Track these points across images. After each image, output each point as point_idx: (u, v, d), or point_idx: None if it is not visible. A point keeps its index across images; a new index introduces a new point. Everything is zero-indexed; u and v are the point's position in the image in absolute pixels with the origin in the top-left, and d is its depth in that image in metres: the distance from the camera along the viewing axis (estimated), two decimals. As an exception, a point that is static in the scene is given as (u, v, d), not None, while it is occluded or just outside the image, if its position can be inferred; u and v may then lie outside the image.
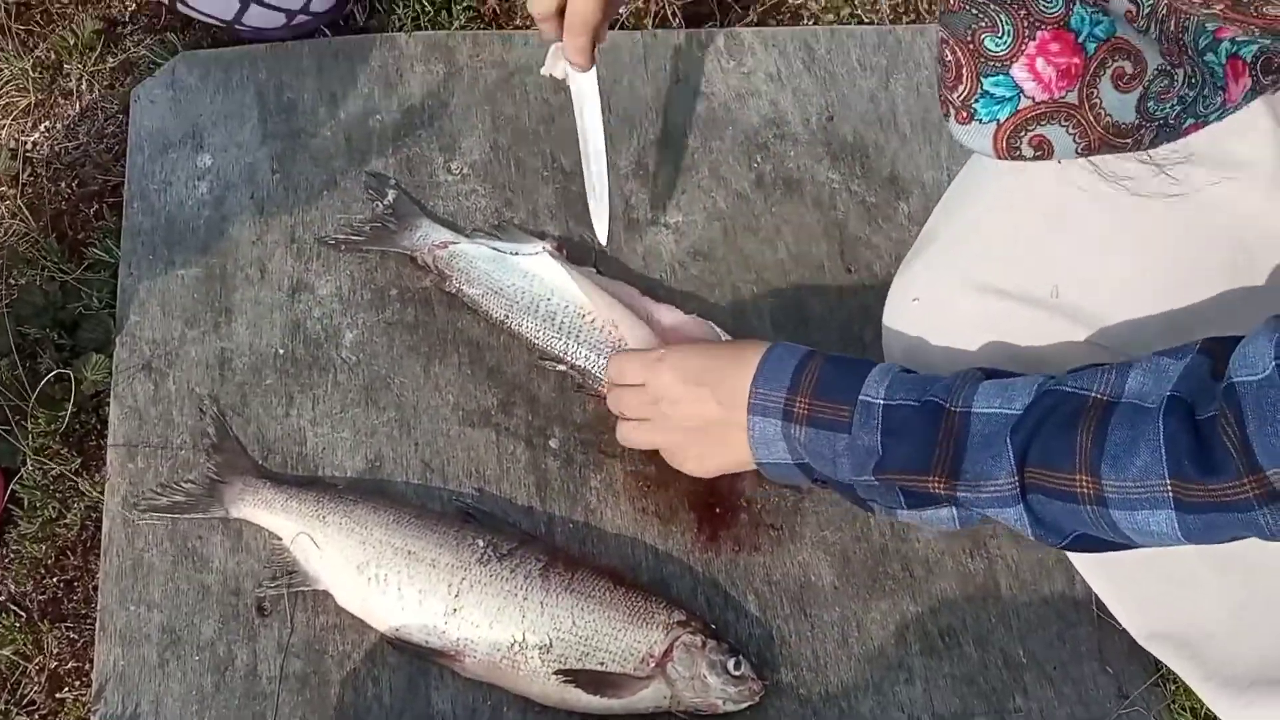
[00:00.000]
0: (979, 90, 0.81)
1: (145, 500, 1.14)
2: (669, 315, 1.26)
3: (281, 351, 1.23)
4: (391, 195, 1.31)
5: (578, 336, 1.22)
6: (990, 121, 0.82)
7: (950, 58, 0.81)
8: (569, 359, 1.23)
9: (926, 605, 1.19)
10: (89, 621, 1.14)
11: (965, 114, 0.82)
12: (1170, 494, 0.81)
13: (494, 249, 1.27)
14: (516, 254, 1.26)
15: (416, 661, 1.09)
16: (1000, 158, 0.84)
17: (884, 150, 1.45)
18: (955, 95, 0.82)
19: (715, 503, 1.21)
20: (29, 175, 1.36)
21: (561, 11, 1.15)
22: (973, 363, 1.10)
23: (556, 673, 1.06)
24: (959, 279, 1.12)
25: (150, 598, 1.10)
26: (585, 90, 1.24)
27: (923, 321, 1.15)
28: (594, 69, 1.20)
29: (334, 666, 1.09)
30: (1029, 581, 1.21)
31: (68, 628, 1.15)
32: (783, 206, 1.40)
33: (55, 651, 1.14)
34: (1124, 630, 1.18)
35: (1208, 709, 1.13)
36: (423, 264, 1.27)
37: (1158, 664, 1.17)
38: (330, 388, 1.22)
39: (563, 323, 1.23)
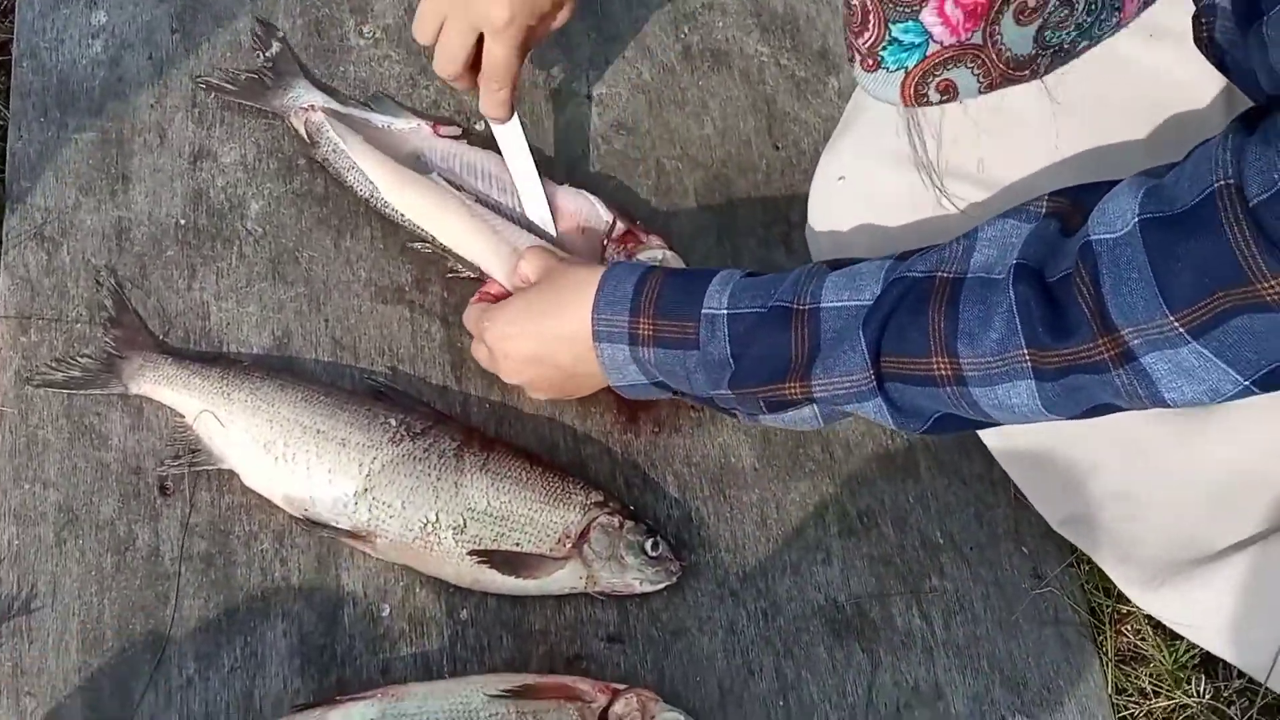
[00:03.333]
0: (886, 37, 0.78)
1: (40, 375, 1.08)
2: (552, 189, 1.21)
3: (183, 222, 1.17)
4: (275, 48, 1.24)
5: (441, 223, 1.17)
6: (898, 69, 0.80)
7: (856, 2, 0.78)
8: (438, 240, 1.17)
9: (846, 487, 1.18)
10: (-19, 500, 1.10)
11: (872, 61, 0.79)
12: (1029, 363, 0.79)
13: (366, 119, 1.21)
14: (390, 128, 1.21)
15: (326, 542, 1.07)
16: (906, 105, 0.82)
17: (815, 23, 1.41)
18: (860, 41, 0.79)
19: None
20: (-93, 29, 1.27)
21: (472, 68, 1.11)
22: (898, 240, 1.08)
23: (470, 553, 1.04)
24: (885, 155, 1.10)
25: (46, 475, 1.06)
26: (511, 139, 1.18)
27: (849, 200, 1.13)
28: (515, 116, 1.16)
29: (240, 547, 1.06)
30: (948, 463, 1.21)
31: (-42, 507, 1.11)
32: (710, 79, 1.36)
33: (-55, 531, 1.10)
34: (1039, 513, 1.18)
35: (1119, 590, 1.15)
36: (290, 126, 1.21)
37: (1073, 546, 1.18)
38: (235, 260, 1.17)
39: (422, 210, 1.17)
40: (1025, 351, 0.79)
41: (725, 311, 0.94)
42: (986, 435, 1.17)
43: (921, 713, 1.10)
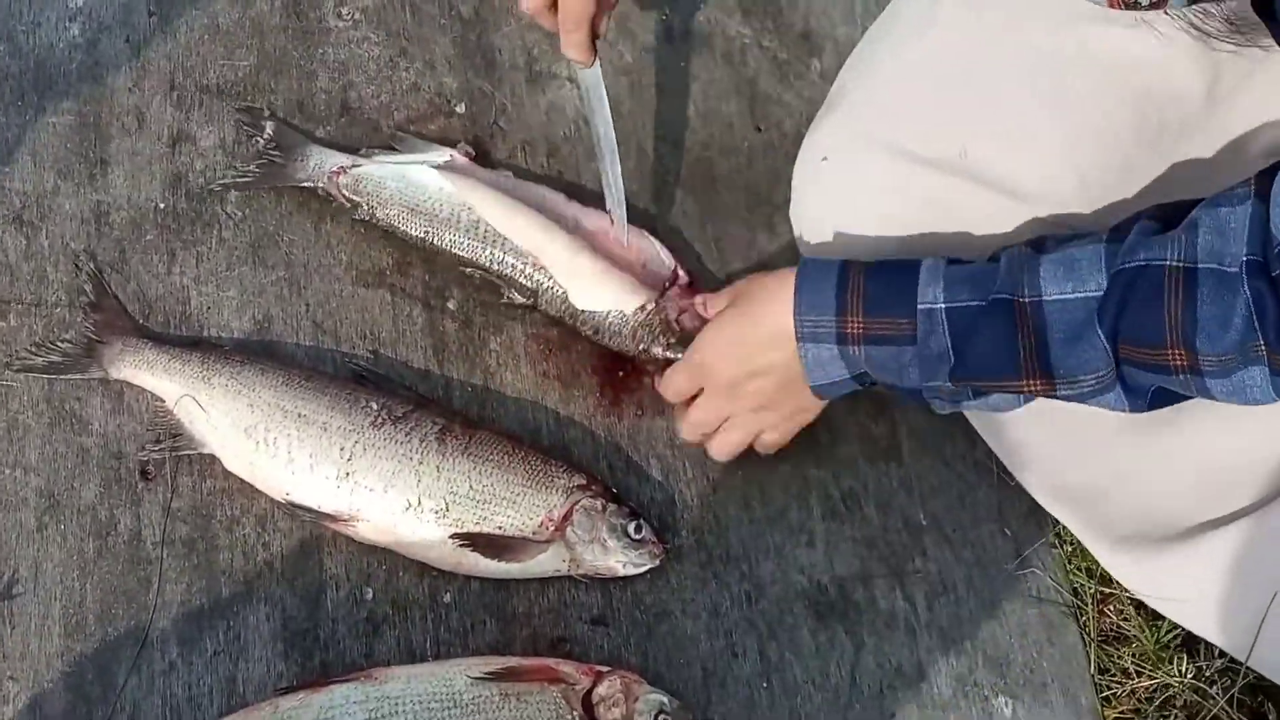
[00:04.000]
0: None
1: (19, 359, 1.08)
2: (592, 220, 1.20)
3: (162, 206, 1.17)
4: (270, 128, 1.20)
5: (503, 245, 1.16)
6: None
7: None
8: (496, 267, 1.16)
9: (829, 469, 1.18)
10: (-39, 486, 1.09)
11: None
12: (1264, 355, 0.81)
13: (399, 165, 1.18)
14: (422, 164, 1.18)
15: (309, 526, 1.06)
16: (1113, 7, 0.80)
17: (797, 4, 1.40)
18: None
19: (618, 366, 1.18)
20: (-117, 12, 1.26)
21: (554, 5, 1.08)
22: (881, 221, 1.08)
23: (453, 536, 1.03)
24: (869, 137, 1.10)
25: (26, 461, 1.05)
26: (591, 86, 1.15)
27: (833, 181, 1.13)
28: (597, 64, 1.13)
29: (222, 531, 1.05)
30: (931, 445, 1.21)
31: (-62, 493, 1.10)
32: (692, 62, 1.36)
33: (-75, 517, 1.09)
34: (1023, 493, 1.19)
35: (1102, 570, 1.15)
36: (324, 194, 1.18)
37: (1055, 526, 1.18)
38: (215, 244, 1.16)
39: (487, 231, 1.16)
40: (1262, 345, 0.81)
41: (943, 305, 0.94)
42: (971, 414, 1.17)
43: (905, 694, 1.10)
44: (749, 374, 1.05)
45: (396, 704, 0.96)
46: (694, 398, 1.10)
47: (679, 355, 1.12)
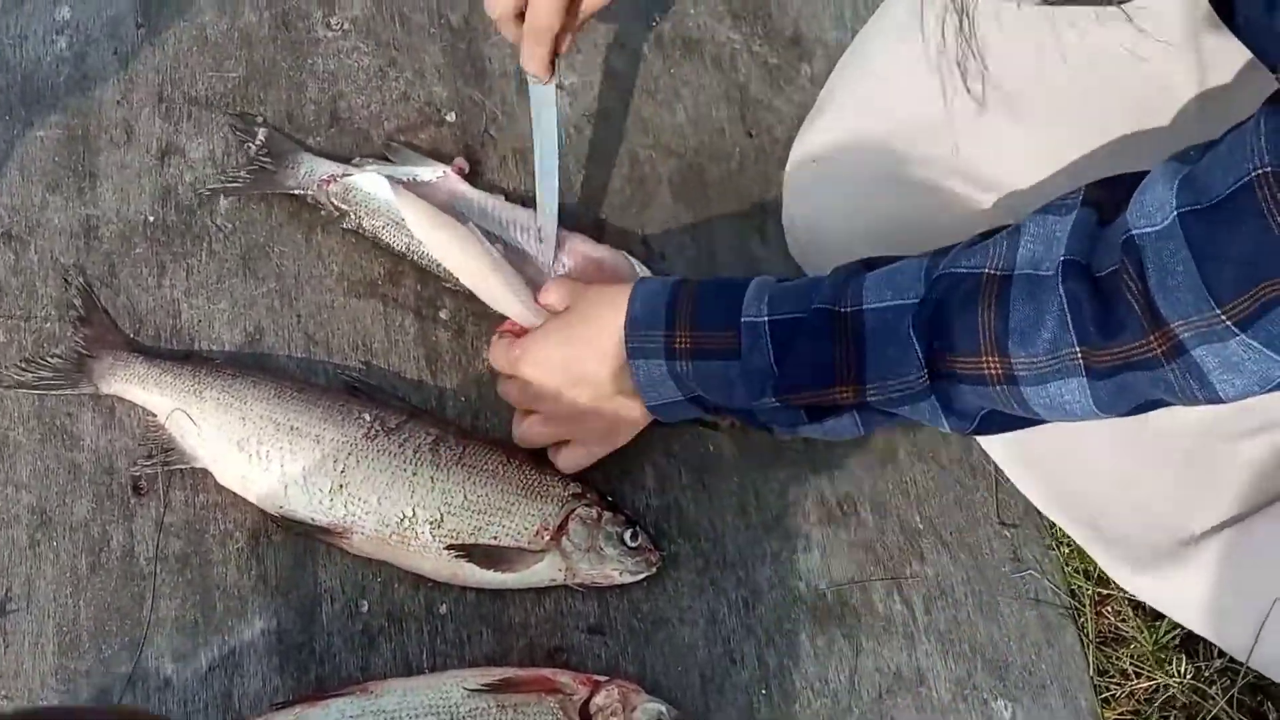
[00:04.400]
0: None
1: (9, 375, 1.07)
2: (581, 243, 1.19)
3: (152, 219, 1.16)
4: (262, 134, 1.20)
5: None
6: None
7: None
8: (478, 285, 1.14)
9: (825, 474, 1.18)
10: (-48, 504, 1.08)
11: None
12: (1080, 361, 0.79)
13: (389, 176, 1.17)
14: (415, 179, 1.18)
15: (302, 540, 1.06)
16: None
17: (786, 9, 1.40)
18: None
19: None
20: None
21: (521, 14, 1.06)
22: (873, 224, 1.08)
23: (448, 548, 1.03)
24: (859, 140, 1.10)
25: (18, 478, 1.04)
26: (542, 102, 1.13)
27: (823, 184, 1.13)
28: (553, 81, 1.10)
29: (215, 546, 1.05)
30: (926, 449, 1.21)
31: (-71, 511, 1.09)
32: (682, 68, 1.35)
33: (-84, 535, 1.08)
34: (1020, 495, 1.18)
35: (1099, 571, 1.15)
36: (314, 202, 1.18)
37: (1053, 528, 1.18)
38: (205, 257, 1.16)
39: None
40: (1077, 350, 0.79)
41: (766, 318, 0.93)
42: None
43: (904, 698, 1.10)
44: (577, 383, 1.03)
45: (393, 717, 0.95)
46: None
47: None
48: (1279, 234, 0.68)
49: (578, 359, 1.02)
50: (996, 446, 1.16)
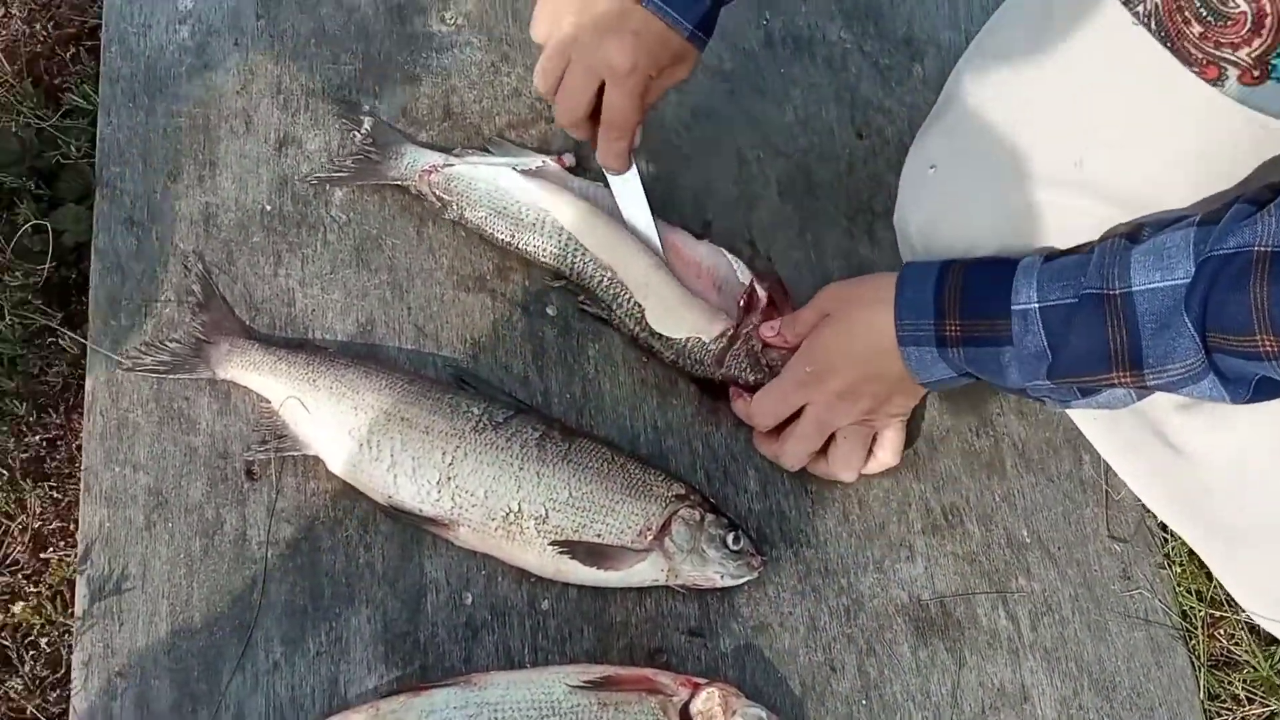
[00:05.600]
0: None
1: (130, 358, 1.10)
2: (678, 237, 1.19)
3: (269, 208, 1.18)
4: (368, 124, 1.22)
5: (584, 254, 1.15)
6: None
7: (1245, 8, 0.70)
8: (577, 281, 1.16)
9: (930, 483, 1.16)
10: (73, 481, 1.11)
11: (1258, 72, 0.73)
12: None
13: (491, 166, 1.19)
14: (515, 168, 1.18)
15: (410, 530, 1.07)
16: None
17: (899, 8, 1.38)
18: (1244, 52, 0.73)
19: (719, 377, 1.17)
20: (1, 15, 1.29)
21: (592, 117, 1.08)
22: (990, 234, 1.06)
23: (552, 544, 1.04)
24: (979, 146, 1.08)
25: (136, 459, 1.07)
26: (628, 190, 1.16)
27: (940, 190, 1.11)
28: (633, 167, 1.13)
29: (325, 533, 1.06)
30: (1035, 460, 1.19)
31: (51, 487, 1.12)
32: (791, 67, 1.34)
33: (39, 511, 1.11)
34: (1131, 511, 1.16)
35: (1213, 592, 1.13)
36: (416, 192, 1.19)
37: (1165, 546, 1.16)
38: (320, 247, 1.17)
39: (568, 240, 1.16)
40: None
41: (1037, 305, 0.94)
42: (1080, 415, 1.15)
43: (1007, 714, 1.08)
44: (864, 378, 1.05)
45: (496, 710, 0.96)
46: (785, 424, 1.10)
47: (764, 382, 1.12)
48: None
49: (861, 361, 1.04)
50: (1105, 441, 1.15)
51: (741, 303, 1.15)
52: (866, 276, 1.08)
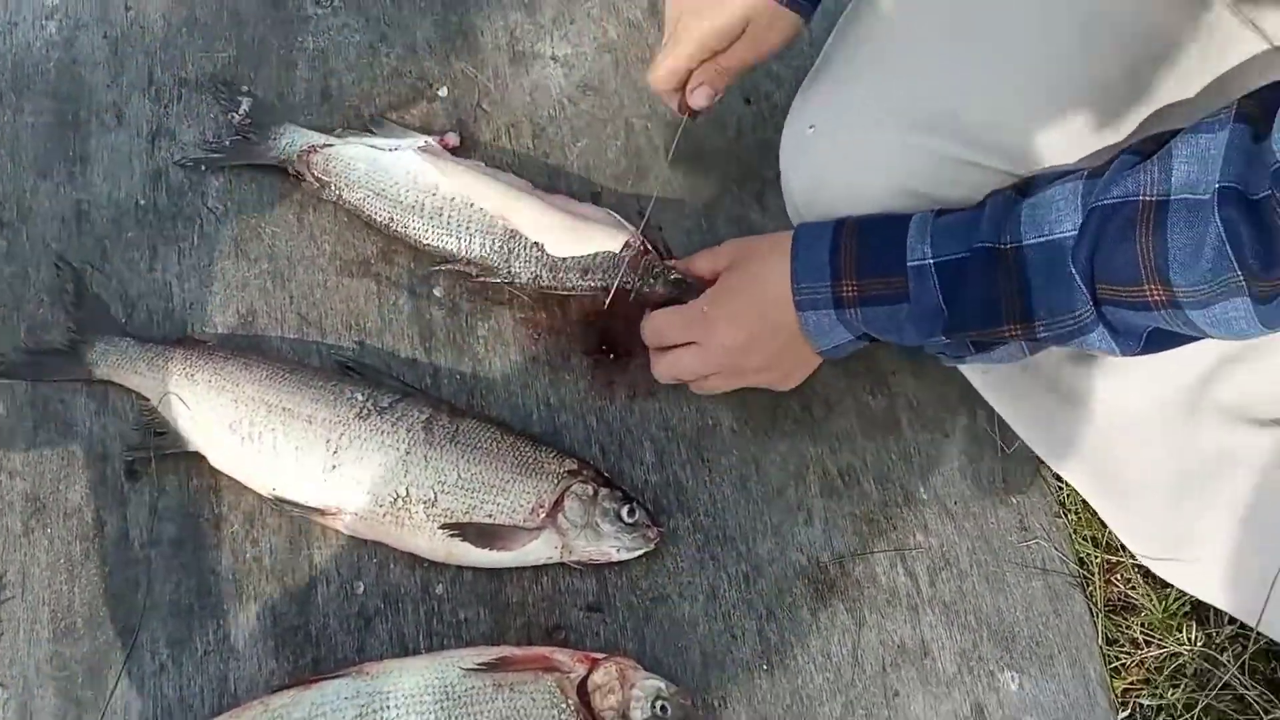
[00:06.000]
0: None
1: (2, 363, 1.07)
2: (562, 202, 1.18)
3: (142, 202, 1.15)
4: (246, 104, 1.20)
5: (468, 228, 1.13)
6: None
7: None
8: (464, 254, 1.14)
9: (826, 445, 1.16)
10: (-53, 492, 1.08)
11: None
12: (1243, 284, 0.78)
13: (371, 147, 1.16)
14: (395, 150, 1.16)
15: (297, 522, 1.05)
16: None
17: (783, -27, 1.37)
18: None
19: (609, 348, 1.16)
20: None
21: (679, 88, 1.10)
22: (871, 188, 1.05)
23: (442, 527, 1.02)
24: (856, 103, 1.07)
25: (12, 465, 1.04)
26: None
27: (821, 150, 1.10)
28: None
29: (210, 530, 1.04)
30: (930, 418, 1.18)
31: (-76, 499, 1.09)
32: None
33: (-89, 525, 1.09)
34: (1025, 464, 1.16)
35: (1108, 538, 1.13)
36: (295, 173, 1.17)
37: (1059, 493, 1.16)
38: (197, 239, 1.15)
39: (451, 217, 1.14)
40: (1240, 275, 0.78)
41: (931, 261, 0.94)
42: (972, 373, 1.15)
43: (908, 670, 1.08)
44: (752, 337, 1.04)
45: (387, 698, 0.95)
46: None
47: (673, 294, 1.12)
48: None
49: (758, 317, 1.03)
50: (999, 398, 1.15)
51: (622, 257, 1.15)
52: (767, 235, 1.08)
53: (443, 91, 1.25)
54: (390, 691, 0.95)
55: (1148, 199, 0.82)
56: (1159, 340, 0.88)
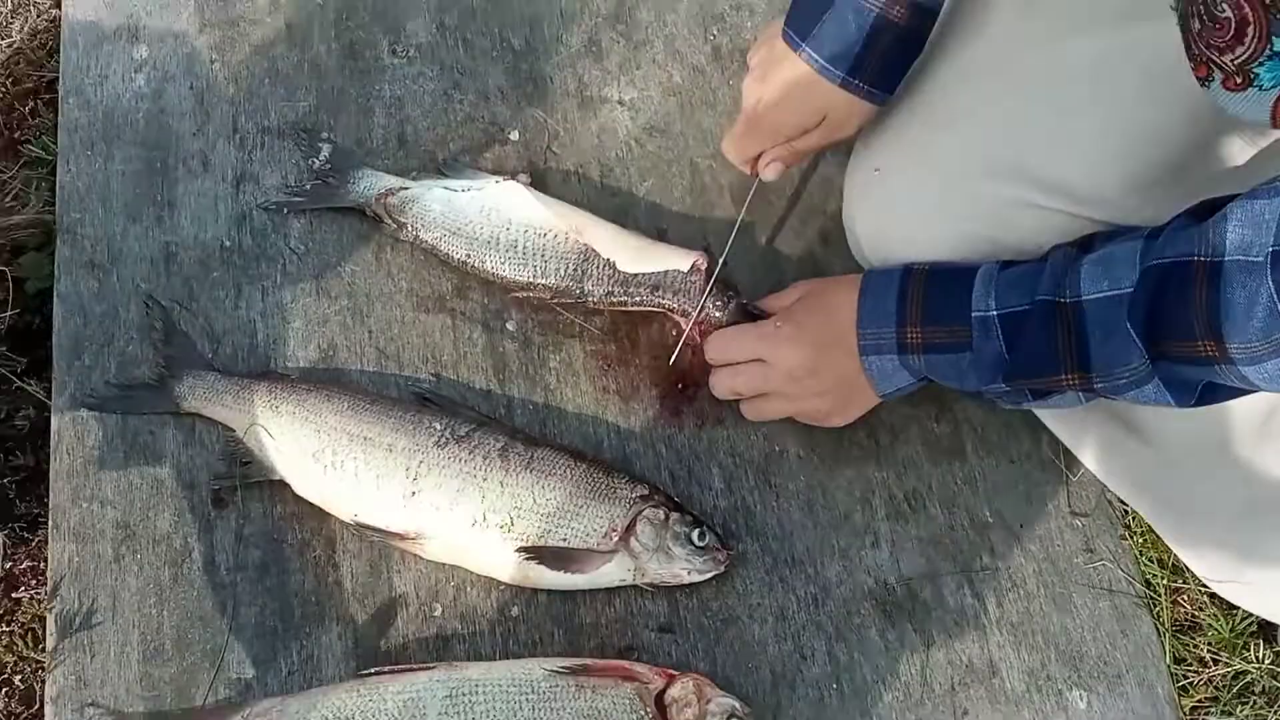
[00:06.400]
0: (1267, 51, 0.70)
1: (94, 397, 1.11)
2: (632, 229, 1.23)
3: (227, 244, 1.20)
4: (326, 150, 1.25)
5: (543, 254, 1.17)
6: (1274, 87, 0.72)
7: (1230, 14, 0.71)
8: (539, 281, 1.18)
9: (892, 470, 1.18)
10: (43, 520, 1.12)
11: (1241, 79, 0.73)
12: None
13: (445, 189, 1.21)
14: (469, 190, 1.21)
15: (378, 546, 1.08)
16: (1275, 126, 0.75)
17: (841, 16, 1.41)
18: (1229, 58, 0.75)
19: (678, 379, 1.19)
20: (-40, 76, 1.32)
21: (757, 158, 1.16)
22: (934, 230, 1.08)
23: (519, 550, 1.05)
24: (921, 147, 1.10)
25: (103, 494, 1.08)
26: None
27: (885, 191, 1.13)
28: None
29: (293, 555, 1.07)
30: (995, 443, 1.20)
31: (21, 528, 1.14)
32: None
33: (9, 551, 1.13)
34: (1090, 487, 1.17)
35: (1174, 560, 1.13)
36: (373, 214, 1.21)
37: (1125, 517, 1.16)
38: (279, 278, 1.19)
39: (526, 247, 1.18)
40: None
41: (995, 312, 0.97)
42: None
43: (977, 690, 1.09)
44: (818, 362, 1.08)
45: (477, 685, 0.98)
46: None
47: (737, 319, 1.17)
48: None
49: (819, 349, 1.08)
50: (1060, 424, 1.16)
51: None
52: (844, 278, 1.12)
53: (514, 135, 1.29)
54: (478, 680, 0.98)
55: (1202, 259, 0.85)
56: (1213, 393, 0.90)
